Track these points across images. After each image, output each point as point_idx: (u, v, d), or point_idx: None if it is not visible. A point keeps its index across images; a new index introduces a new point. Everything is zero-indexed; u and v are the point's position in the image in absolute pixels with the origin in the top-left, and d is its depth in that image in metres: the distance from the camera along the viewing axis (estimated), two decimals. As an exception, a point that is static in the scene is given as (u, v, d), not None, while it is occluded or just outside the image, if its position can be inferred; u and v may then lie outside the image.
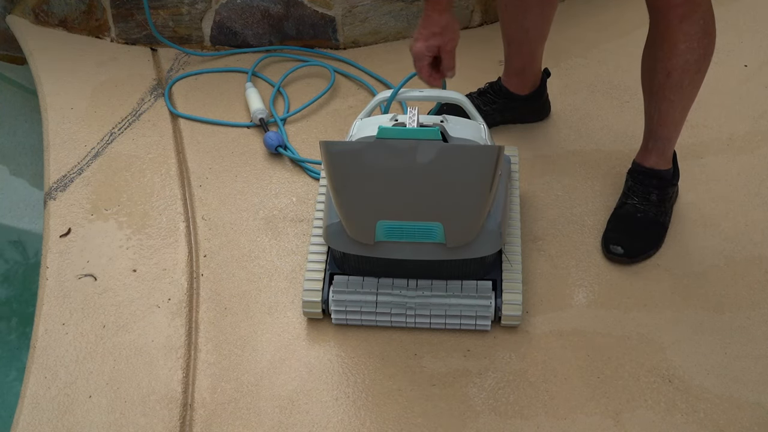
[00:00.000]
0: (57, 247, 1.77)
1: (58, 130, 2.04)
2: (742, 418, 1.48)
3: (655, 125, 1.72)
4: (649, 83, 1.67)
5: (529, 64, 1.93)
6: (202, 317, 1.65)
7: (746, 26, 2.35)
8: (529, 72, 1.95)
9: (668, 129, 1.71)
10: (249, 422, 1.48)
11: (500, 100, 1.98)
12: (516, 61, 1.93)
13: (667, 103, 1.65)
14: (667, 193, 1.78)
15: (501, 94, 1.98)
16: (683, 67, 1.58)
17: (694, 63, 1.58)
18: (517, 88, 1.97)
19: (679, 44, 1.55)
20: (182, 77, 2.20)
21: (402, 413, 1.49)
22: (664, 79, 1.61)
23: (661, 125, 1.71)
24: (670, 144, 1.75)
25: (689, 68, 1.58)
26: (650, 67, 1.64)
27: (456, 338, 1.61)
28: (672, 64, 1.58)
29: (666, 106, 1.66)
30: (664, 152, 1.75)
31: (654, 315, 1.64)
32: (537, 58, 1.93)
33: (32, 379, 1.54)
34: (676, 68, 1.58)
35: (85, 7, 2.28)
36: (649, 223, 1.75)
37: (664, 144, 1.74)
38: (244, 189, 1.90)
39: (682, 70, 1.59)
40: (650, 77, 1.65)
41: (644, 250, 1.74)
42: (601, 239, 1.77)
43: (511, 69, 1.95)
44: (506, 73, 1.98)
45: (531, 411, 1.49)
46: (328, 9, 2.24)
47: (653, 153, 1.75)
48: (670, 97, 1.64)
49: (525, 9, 1.81)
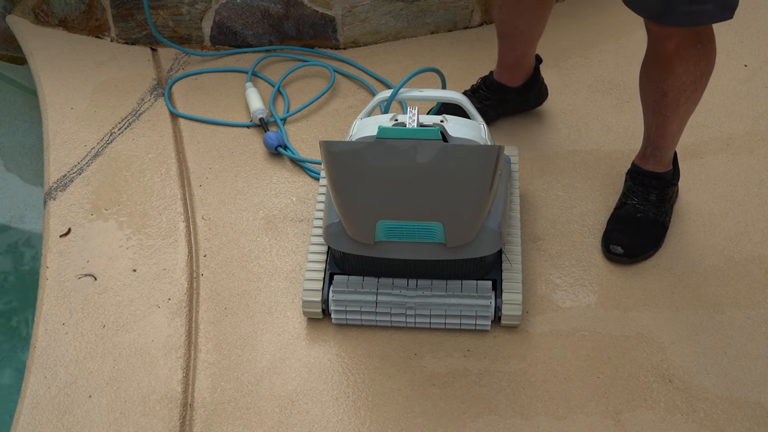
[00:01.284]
0: (57, 247, 1.77)
1: (58, 130, 2.04)
2: (742, 418, 1.48)
3: (653, 136, 1.71)
4: (645, 98, 1.66)
5: (521, 60, 1.93)
6: (202, 317, 1.65)
7: (746, 26, 2.35)
8: (521, 66, 1.94)
9: (666, 140, 1.71)
10: (249, 422, 1.48)
11: (494, 96, 1.97)
12: (509, 56, 1.92)
13: (663, 118, 1.64)
14: (667, 193, 1.78)
15: (494, 88, 1.97)
16: (679, 88, 1.56)
17: (691, 84, 1.56)
18: (509, 80, 1.96)
19: (676, 67, 1.53)
20: (182, 77, 2.20)
21: (402, 413, 1.49)
22: (660, 98, 1.60)
23: (659, 137, 1.70)
24: (668, 152, 1.75)
25: (686, 89, 1.57)
26: (646, 84, 1.63)
27: (456, 338, 1.61)
28: (668, 85, 1.56)
29: (662, 120, 1.65)
30: (662, 159, 1.75)
31: (654, 315, 1.64)
32: (530, 54, 1.92)
33: (32, 378, 1.54)
34: (672, 89, 1.57)
35: (85, 7, 2.28)
36: (649, 223, 1.75)
37: (662, 152, 1.74)
38: (244, 189, 1.90)
39: (678, 90, 1.57)
40: (646, 93, 1.65)
41: (644, 250, 1.74)
42: (601, 239, 1.77)
43: (504, 64, 1.95)
44: (499, 67, 1.97)
45: (531, 411, 1.49)
46: (328, 9, 2.24)
47: (651, 159, 1.75)
48: (666, 114, 1.63)
49: (520, 9, 1.80)
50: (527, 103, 2.03)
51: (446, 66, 2.06)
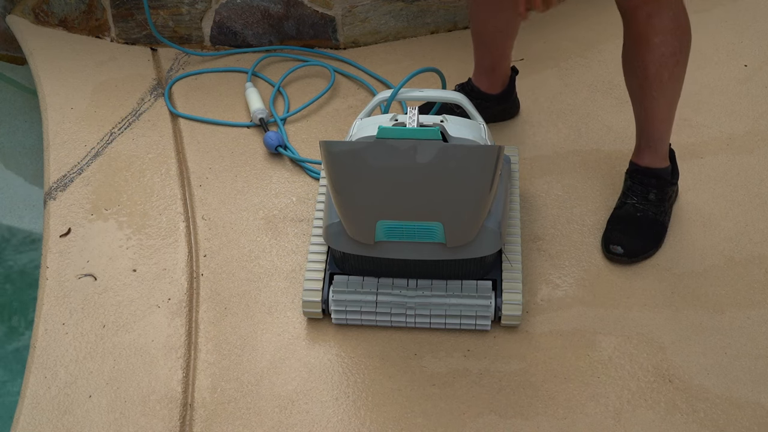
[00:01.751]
0: (57, 247, 1.77)
1: (58, 130, 2.04)
2: (742, 418, 1.48)
3: (643, 124, 1.73)
4: (631, 84, 1.69)
5: (498, 62, 1.93)
6: (202, 317, 1.65)
7: (746, 26, 2.35)
8: (499, 70, 1.95)
9: (657, 127, 1.72)
10: (249, 422, 1.48)
11: (473, 102, 1.98)
12: (486, 59, 1.93)
13: (651, 99, 1.66)
14: (666, 192, 1.79)
15: (473, 95, 1.96)
16: (660, 61, 1.60)
17: (671, 56, 1.59)
18: (488, 87, 1.96)
19: (652, 38, 1.57)
20: (182, 77, 2.20)
21: (402, 413, 1.49)
22: (642, 74, 1.63)
23: (649, 123, 1.71)
24: (662, 142, 1.75)
25: (666, 61, 1.60)
26: (630, 68, 1.66)
27: (456, 338, 1.61)
28: (649, 58, 1.60)
29: (650, 102, 1.67)
30: (658, 150, 1.76)
31: (654, 315, 1.64)
32: (507, 56, 1.94)
33: (32, 378, 1.54)
34: (653, 62, 1.60)
35: (85, 7, 2.28)
36: (648, 223, 1.76)
37: (656, 143, 1.75)
38: (244, 189, 1.90)
39: (659, 63, 1.60)
40: (631, 78, 1.67)
41: (644, 250, 1.74)
42: (601, 239, 1.77)
43: (482, 68, 1.95)
44: (476, 73, 1.97)
45: (531, 411, 1.49)
46: (328, 9, 2.24)
47: (646, 152, 1.76)
48: (653, 94, 1.65)
49: (498, 8, 1.81)
50: (502, 113, 2.03)
51: (446, 66, 2.05)
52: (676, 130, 1.78)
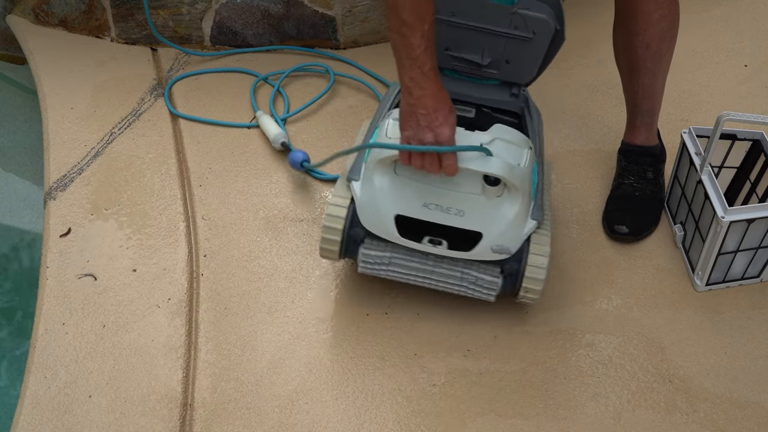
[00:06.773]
0: (57, 247, 1.77)
1: (58, 130, 2.04)
2: (742, 418, 1.48)
3: (639, 100, 1.74)
4: (626, 61, 1.70)
5: None
6: (202, 317, 1.65)
7: (746, 26, 2.35)
8: None
9: (652, 101, 1.74)
10: (249, 422, 1.48)
11: None
12: None
13: (650, 75, 1.68)
14: (660, 169, 1.83)
15: None
16: (660, 36, 1.61)
17: (669, 30, 1.61)
18: None
19: (653, 13, 1.58)
20: (182, 77, 2.20)
21: (402, 413, 1.49)
22: (643, 52, 1.64)
23: (646, 98, 1.73)
24: (656, 116, 1.78)
25: (666, 35, 1.62)
26: (626, 45, 1.67)
27: (456, 338, 1.61)
28: (650, 34, 1.61)
29: (649, 78, 1.69)
30: (652, 126, 1.79)
31: (654, 315, 1.64)
32: None
33: (32, 378, 1.54)
34: (654, 38, 1.61)
35: (85, 7, 2.28)
36: (648, 201, 1.78)
37: (651, 117, 1.77)
38: (244, 189, 1.90)
39: (660, 38, 1.61)
40: (627, 55, 1.68)
41: (648, 227, 1.76)
42: (602, 220, 1.78)
43: None
44: None
45: (531, 411, 1.49)
46: (328, 9, 2.24)
47: (642, 129, 1.78)
48: (652, 69, 1.67)
49: None
50: None
51: (446, 66, 2.05)
52: (676, 130, 1.78)
